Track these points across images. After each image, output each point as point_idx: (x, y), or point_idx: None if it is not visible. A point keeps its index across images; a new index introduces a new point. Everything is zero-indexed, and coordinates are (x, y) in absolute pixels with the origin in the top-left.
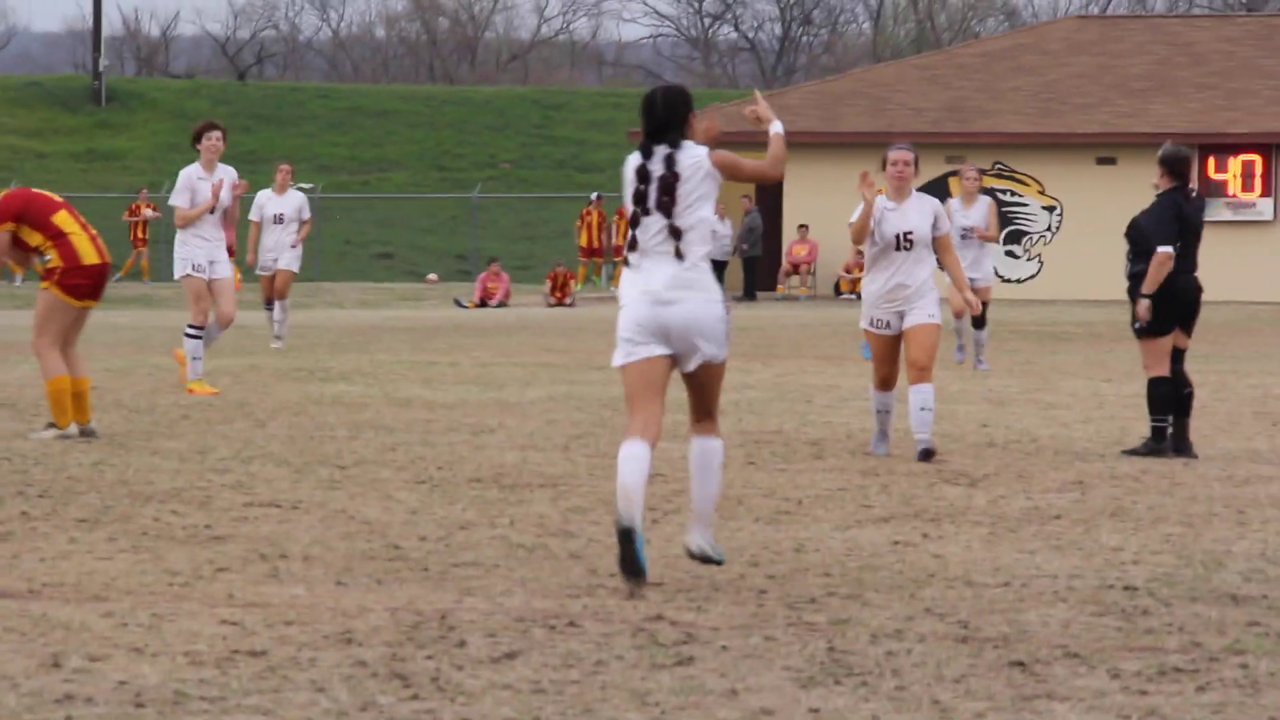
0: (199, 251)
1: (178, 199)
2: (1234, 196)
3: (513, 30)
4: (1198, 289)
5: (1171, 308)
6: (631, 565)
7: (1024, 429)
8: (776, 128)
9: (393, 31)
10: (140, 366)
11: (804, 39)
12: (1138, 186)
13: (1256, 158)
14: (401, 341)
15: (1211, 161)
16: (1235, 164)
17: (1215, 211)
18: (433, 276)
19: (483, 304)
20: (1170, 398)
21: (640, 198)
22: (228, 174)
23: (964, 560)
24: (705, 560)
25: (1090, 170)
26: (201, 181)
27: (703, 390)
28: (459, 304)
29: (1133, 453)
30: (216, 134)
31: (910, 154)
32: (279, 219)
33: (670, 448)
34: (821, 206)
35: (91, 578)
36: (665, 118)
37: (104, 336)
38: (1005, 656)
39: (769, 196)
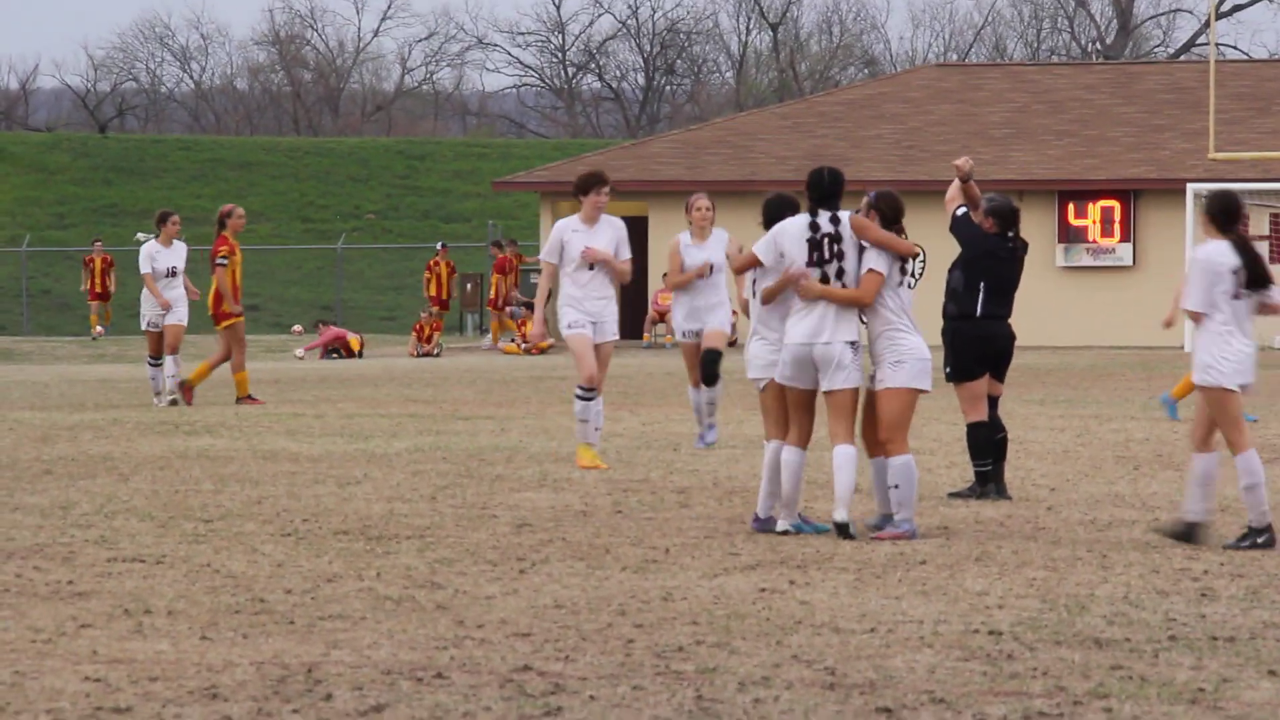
0: (575, 311)
1: (547, 253)
2: (1094, 242)
3: (376, 80)
4: (1010, 336)
5: (982, 354)
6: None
7: None
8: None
9: (256, 83)
10: (0, 421)
11: (667, 88)
12: None
13: (1115, 204)
14: (266, 393)
15: (1071, 208)
16: (1095, 210)
17: (1076, 257)
18: (298, 328)
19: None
20: (989, 442)
21: (815, 250)
22: (612, 225)
23: (830, 607)
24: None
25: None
26: (576, 234)
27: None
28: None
29: (957, 495)
30: (606, 189)
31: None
32: (173, 272)
33: (536, 497)
34: None
35: None
36: (831, 190)
37: None
38: (872, 703)
39: (633, 245)
